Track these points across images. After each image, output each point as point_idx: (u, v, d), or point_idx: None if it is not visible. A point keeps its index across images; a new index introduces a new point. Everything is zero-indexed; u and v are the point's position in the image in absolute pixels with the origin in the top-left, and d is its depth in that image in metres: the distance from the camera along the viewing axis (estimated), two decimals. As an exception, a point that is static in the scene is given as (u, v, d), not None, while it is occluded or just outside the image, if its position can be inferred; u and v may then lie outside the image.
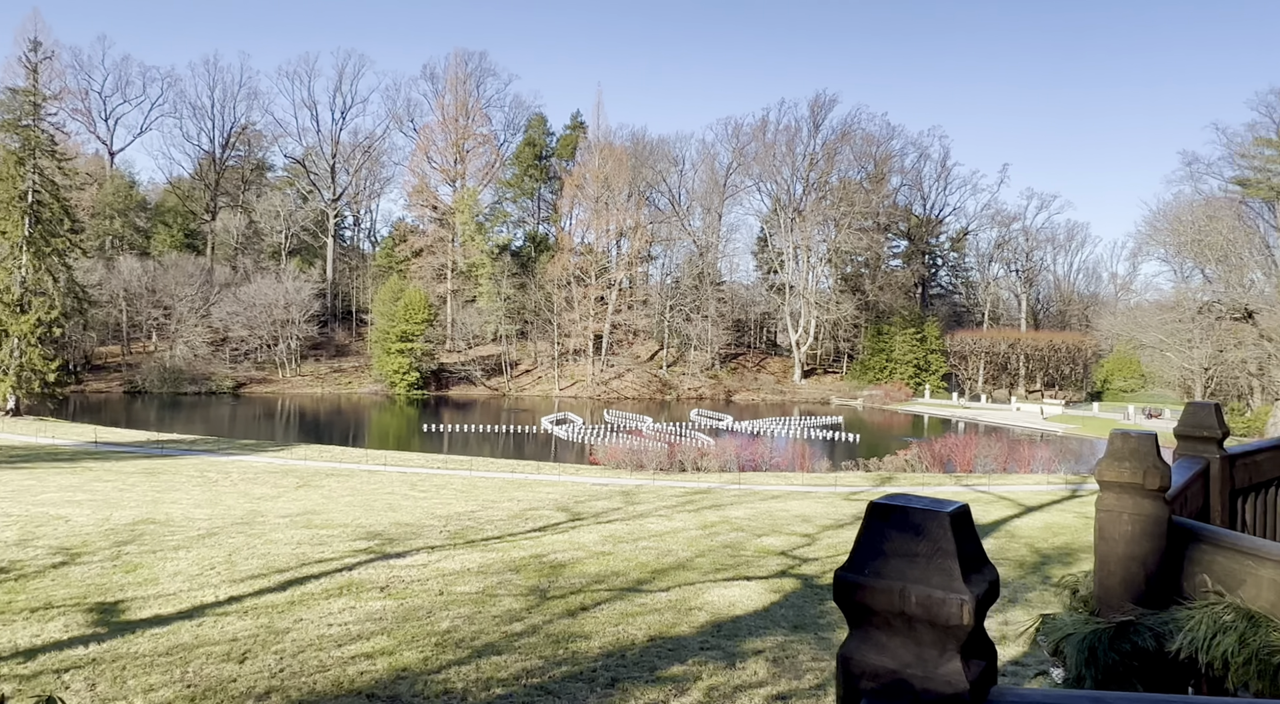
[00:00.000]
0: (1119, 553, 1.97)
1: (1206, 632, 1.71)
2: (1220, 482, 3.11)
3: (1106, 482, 2.00)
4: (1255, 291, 47.15)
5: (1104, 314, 73.17)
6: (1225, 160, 53.41)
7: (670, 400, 70.53)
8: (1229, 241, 48.77)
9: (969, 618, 0.79)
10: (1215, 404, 3.14)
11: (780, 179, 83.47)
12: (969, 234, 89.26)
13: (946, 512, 0.85)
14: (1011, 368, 76.48)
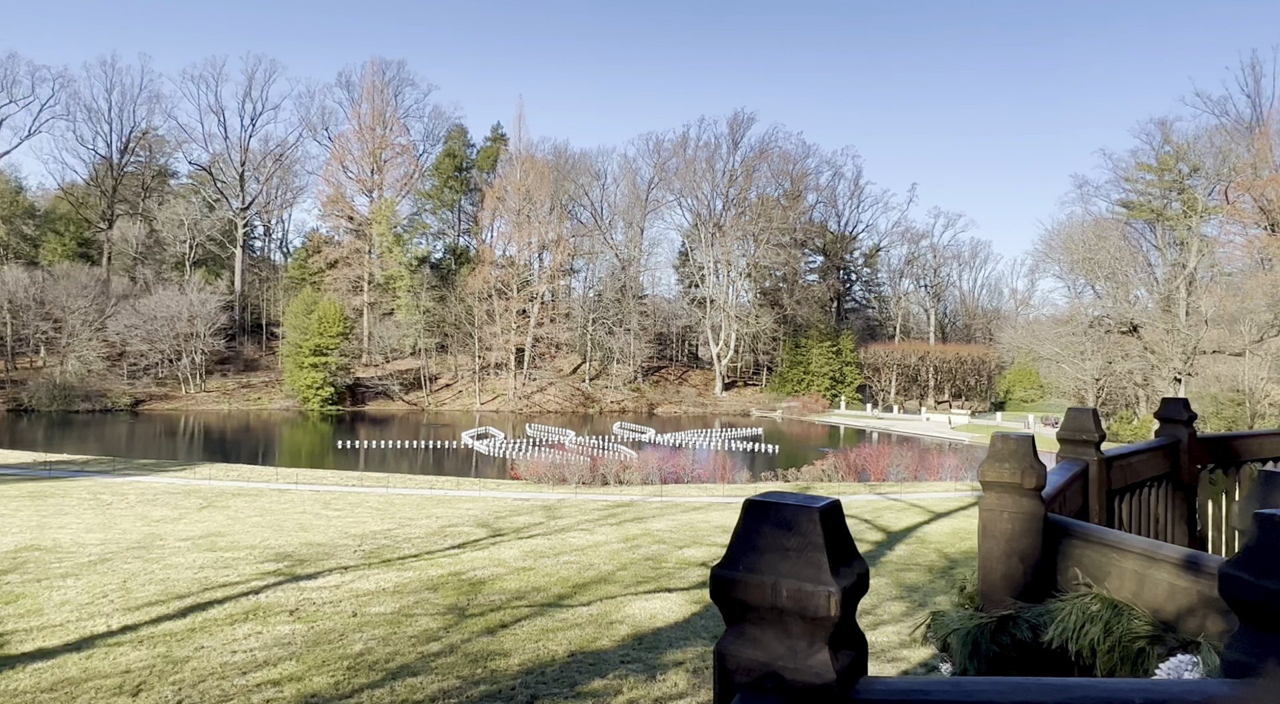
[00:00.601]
0: (1000, 550, 2.08)
1: (1076, 621, 1.82)
2: (1098, 482, 3.30)
3: (988, 482, 2.11)
4: (1139, 307, 50.40)
5: (1005, 328, 76.77)
6: (1112, 184, 57.14)
7: (593, 413, 70.41)
8: (1116, 260, 52.03)
9: (836, 609, 0.84)
10: (1093, 410, 3.35)
11: (701, 194, 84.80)
12: (881, 250, 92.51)
13: (817, 507, 0.89)
14: (922, 379, 79.41)
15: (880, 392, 79.19)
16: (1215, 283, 45.94)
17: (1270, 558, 1.05)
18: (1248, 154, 45.07)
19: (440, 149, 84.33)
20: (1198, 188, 49.40)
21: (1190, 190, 49.85)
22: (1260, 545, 1.07)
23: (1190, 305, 45.34)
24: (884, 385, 79.23)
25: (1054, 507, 2.56)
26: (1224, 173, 47.24)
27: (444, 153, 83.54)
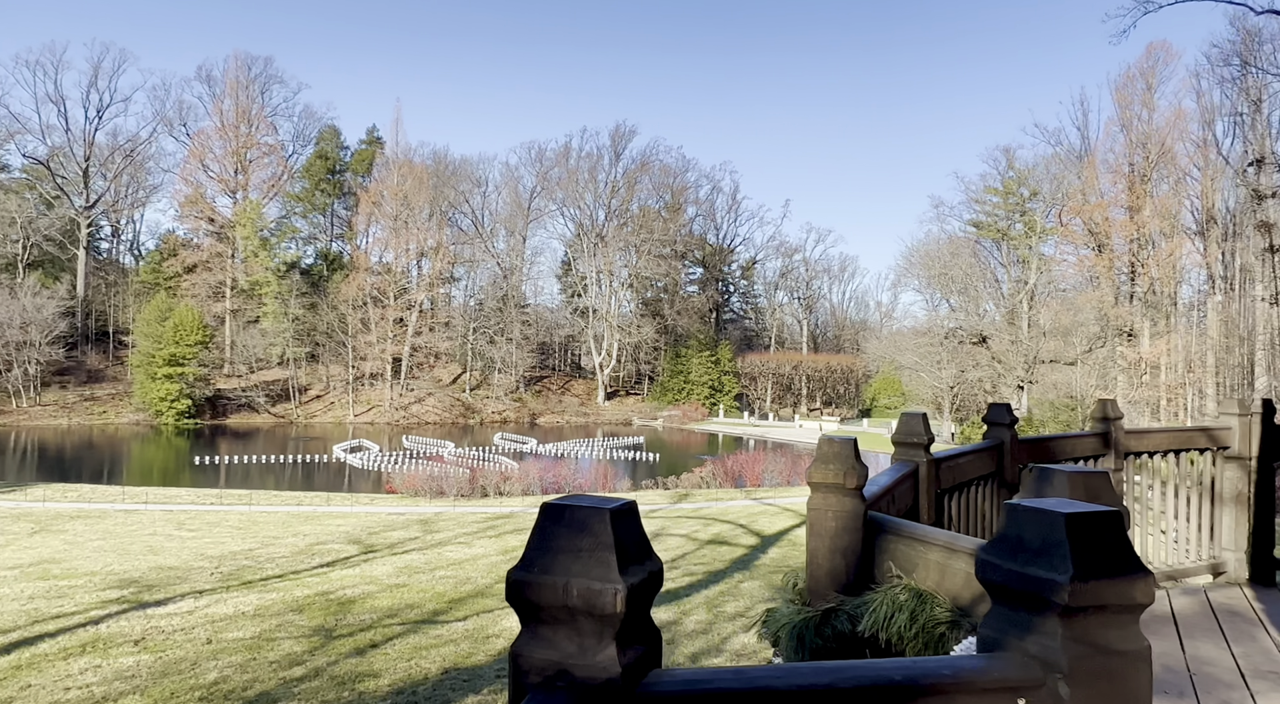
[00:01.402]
0: (825, 547, 2.23)
1: (886, 611, 1.98)
2: (928, 481, 3.57)
3: (815, 483, 2.26)
4: (988, 319, 54.44)
5: (871, 339, 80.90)
6: (964, 205, 61.48)
7: (474, 424, 69.09)
8: (967, 276, 55.99)
9: (622, 606, 0.90)
10: (923, 414, 3.61)
11: (583, 204, 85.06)
12: (757, 263, 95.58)
13: (609, 508, 0.95)
14: (795, 388, 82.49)
15: (757, 400, 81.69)
16: (1052, 298, 50.24)
17: (1014, 543, 1.20)
18: (1078, 181, 49.65)
19: (311, 150, 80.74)
20: (1037, 211, 53.97)
21: (1031, 213, 54.40)
22: (1007, 531, 1.22)
23: (1031, 318, 49.38)
24: (760, 394, 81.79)
25: (883, 505, 2.76)
26: (1059, 198, 51.80)
27: (315, 154, 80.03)
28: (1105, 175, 47.50)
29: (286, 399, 66.89)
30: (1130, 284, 45.69)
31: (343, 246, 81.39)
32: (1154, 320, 43.37)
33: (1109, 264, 46.09)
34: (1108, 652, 1.11)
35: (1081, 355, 43.54)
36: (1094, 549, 1.12)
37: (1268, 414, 6.15)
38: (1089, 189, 48.12)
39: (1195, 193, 43.20)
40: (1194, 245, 43.14)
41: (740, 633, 11.43)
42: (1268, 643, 4.87)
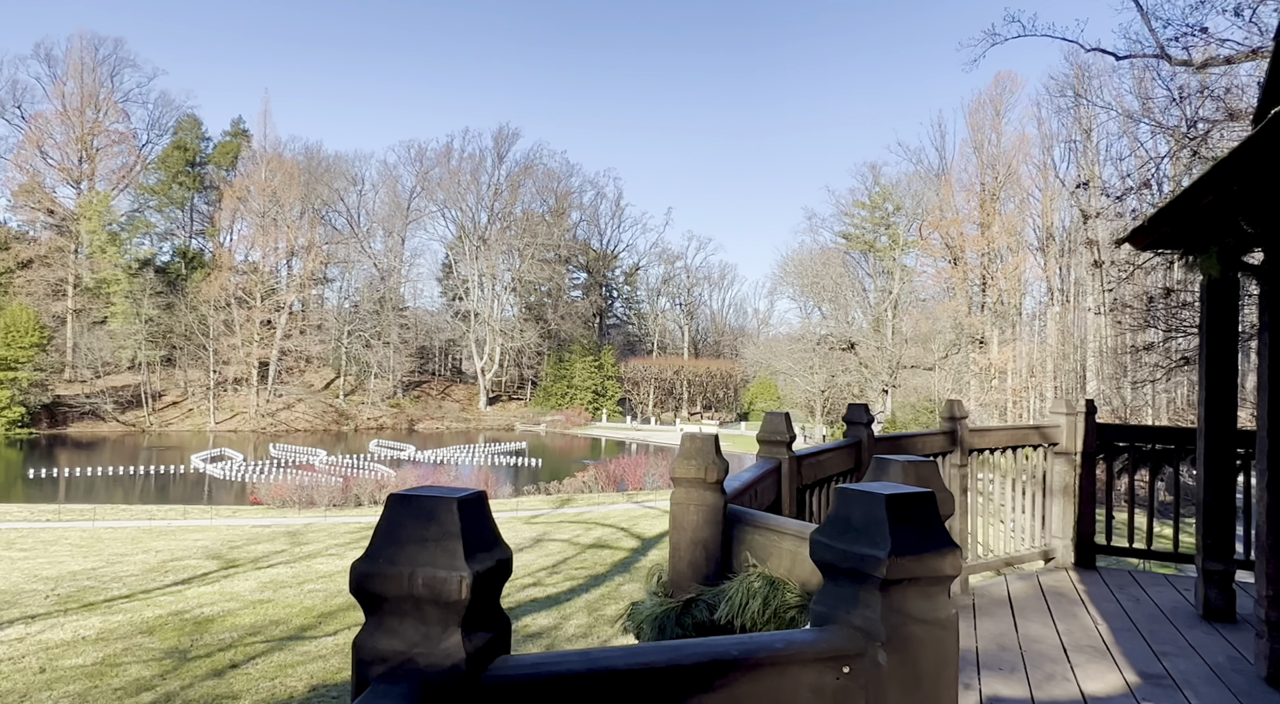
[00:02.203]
0: (687, 539, 2.32)
1: (741, 599, 2.09)
2: (790, 478, 3.74)
3: (678, 478, 2.34)
4: (856, 326, 57.36)
5: (749, 345, 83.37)
6: (835, 217, 64.54)
7: (348, 431, 66.39)
8: (838, 285, 58.81)
9: (467, 593, 0.92)
10: (786, 413, 3.78)
11: (465, 206, 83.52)
12: (640, 269, 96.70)
13: (455, 497, 0.97)
14: (676, 392, 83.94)
15: (639, 404, 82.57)
16: (913, 307, 53.51)
17: (843, 523, 1.30)
18: (936, 198, 53.19)
19: (169, 140, 75.42)
20: (900, 224, 57.44)
21: (894, 226, 57.81)
22: (837, 513, 1.32)
23: (895, 326, 52.41)
24: (643, 398, 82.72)
25: (745, 499, 2.89)
26: (919, 213, 55.32)
27: (173, 145, 74.81)
28: (960, 193, 51.10)
29: (138, 406, 62.12)
30: (982, 295, 49.27)
31: (204, 244, 76.45)
32: (1002, 329, 46.95)
33: (963, 276, 49.54)
34: (920, 620, 1.23)
35: (939, 361, 46.57)
36: (910, 526, 1.24)
37: (1090, 413, 6.80)
38: (946, 205, 51.61)
39: (1037, 211, 47.14)
40: (1036, 260, 47.06)
41: (620, 636, 11.54)
42: (1086, 620, 5.39)
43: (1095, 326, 36.28)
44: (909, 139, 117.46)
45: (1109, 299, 28.27)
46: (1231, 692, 4.16)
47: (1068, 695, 4.11)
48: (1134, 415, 32.63)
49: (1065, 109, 41.31)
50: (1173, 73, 18.04)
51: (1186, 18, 14.63)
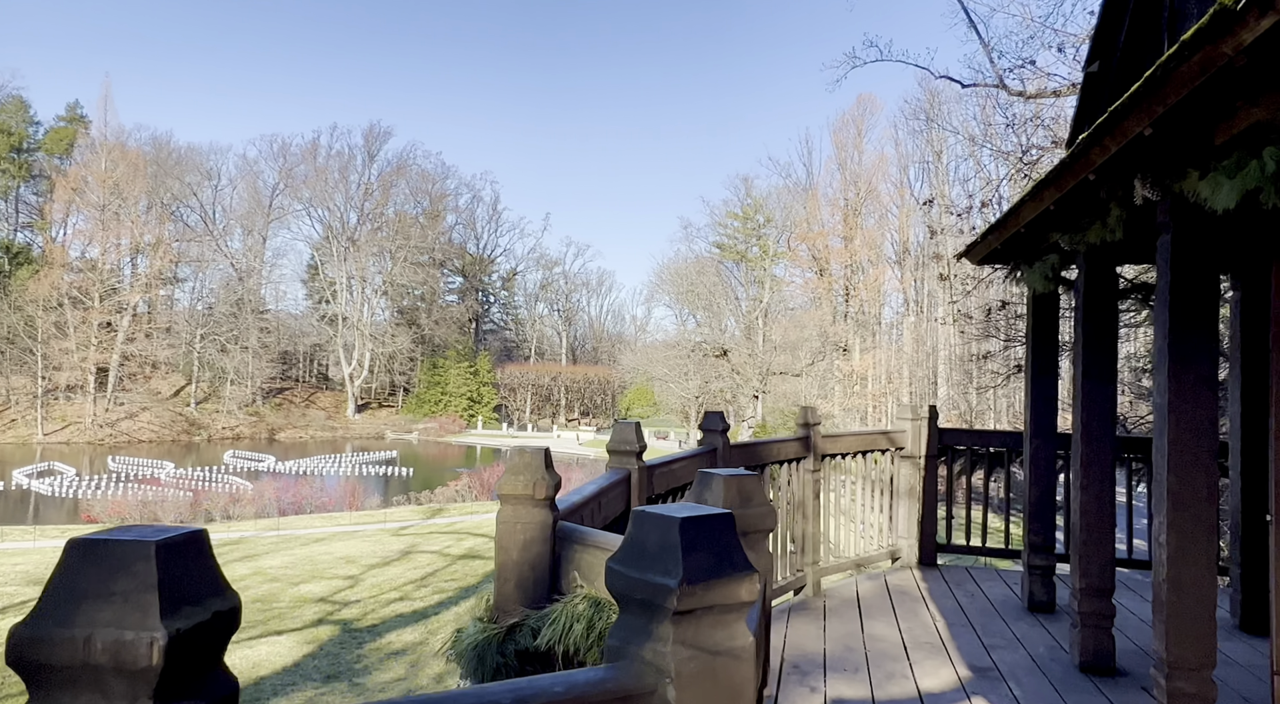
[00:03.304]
0: (513, 560, 2.21)
1: (565, 622, 1.99)
2: (639, 488, 3.69)
3: (505, 495, 2.23)
4: (729, 334, 58.94)
5: (626, 351, 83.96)
6: (709, 227, 66.11)
7: (200, 442, 61.97)
8: (712, 293, 60.25)
9: (158, 658, 0.76)
10: (636, 422, 3.74)
11: (333, 206, 79.90)
12: (518, 275, 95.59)
13: (155, 540, 0.82)
14: (554, 399, 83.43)
15: (516, 411, 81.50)
16: (783, 316, 55.59)
17: (638, 549, 1.22)
18: (804, 211, 55.53)
19: (-10, 122, 68.11)
20: (770, 236, 59.54)
21: (765, 237, 59.87)
22: (633, 538, 1.25)
23: (765, 334, 54.26)
24: (520, 405, 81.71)
25: (585, 514, 2.80)
26: (788, 225, 57.62)
27: (-4, 127, 67.63)
28: (826, 207, 53.54)
29: (-51, 417, 55.62)
30: (845, 305, 51.75)
31: (32, 238, 69.45)
32: (863, 337, 49.48)
33: (829, 287, 51.88)
34: (713, 652, 1.17)
35: (806, 367, 48.53)
36: (705, 552, 1.18)
37: (933, 419, 7.17)
38: (813, 219, 53.96)
39: (894, 227, 50.08)
40: (894, 273, 49.94)
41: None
42: (926, 617, 5.65)
43: (945, 336, 38.83)
44: (779, 154, 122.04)
45: (955, 310, 30.34)
46: (1050, 681, 4.45)
47: (905, 693, 4.26)
48: (979, 418, 35.07)
49: (919, 131, 44.10)
50: (1010, 102, 19.52)
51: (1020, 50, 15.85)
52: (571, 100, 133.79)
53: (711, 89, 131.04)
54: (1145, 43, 4.53)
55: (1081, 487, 4.72)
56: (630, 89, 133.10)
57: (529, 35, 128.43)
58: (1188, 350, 3.38)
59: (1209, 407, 3.37)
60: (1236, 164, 2.71)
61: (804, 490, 6.16)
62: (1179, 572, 3.38)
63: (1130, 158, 3.26)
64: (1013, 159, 19.62)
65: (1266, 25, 2.04)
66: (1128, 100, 2.77)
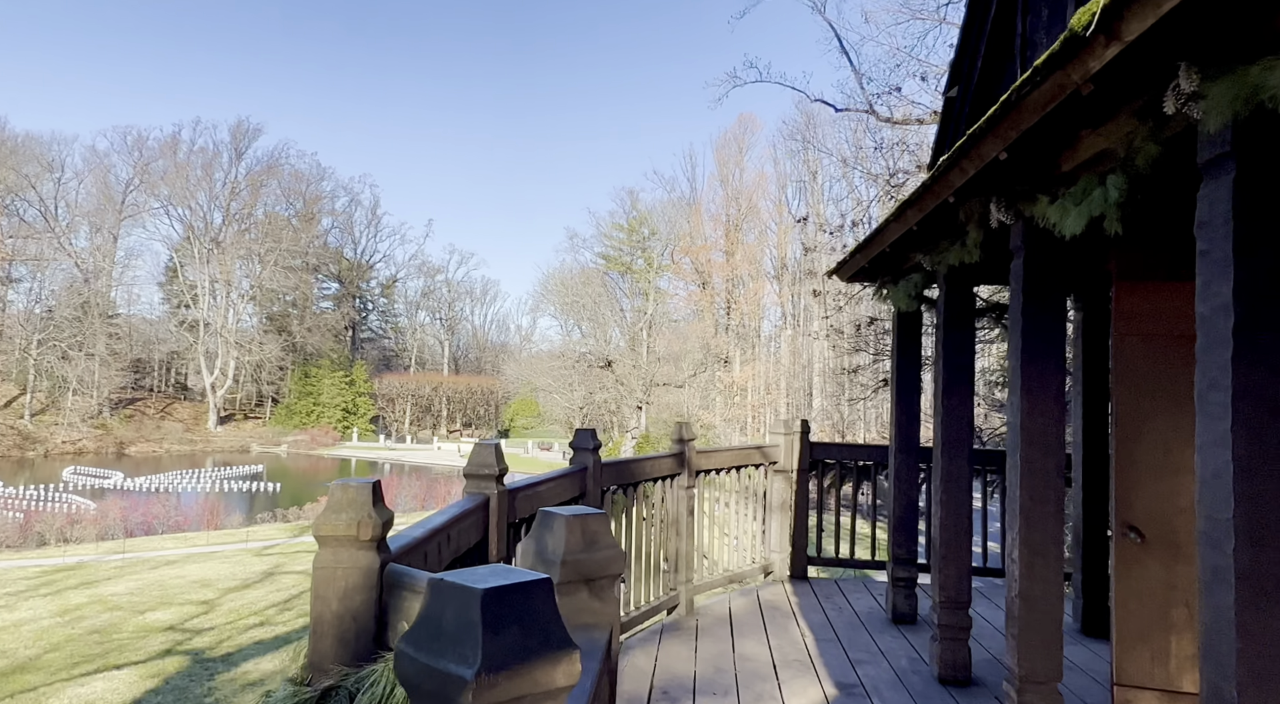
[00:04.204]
0: (332, 611, 1.94)
1: (386, 685, 1.76)
2: (499, 514, 3.46)
3: (323, 536, 1.96)
4: (614, 345, 59.12)
5: (511, 361, 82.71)
6: (595, 238, 66.17)
7: (35, 458, 56.42)
8: (597, 304, 60.32)
9: None
10: (496, 444, 3.51)
11: (195, 205, 74.88)
12: (398, 282, 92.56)
13: None
14: (435, 410, 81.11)
15: (394, 422, 78.73)
16: (666, 327, 56.30)
17: (434, 627, 1.02)
18: (687, 225, 56.53)
19: None
20: (655, 248, 60.26)
21: (650, 250, 60.54)
22: (429, 612, 1.04)
23: (649, 345, 54.75)
24: (398, 416, 78.99)
25: (427, 551, 2.55)
26: (672, 238, 58.50)
27: None
28: (708, 222, 54.68)
29: None
30: (726, 318, 52.94)
31: None
32: (744, 350, 50.73)
33: (711, 300, 52.94)
34: (522, 747, 0.98)
35: (689, 379, 49.24)
36: (514, 630, 0.99)
37: (805, 433, 7.28)
38: (696, 233, 54.99)
39: (773, 243, 51.70)
40: (772, 287, 51.49)
41: None
42: (796, 633, 5.67)
43: (819, 350, 40.33)
44: (664, 168, 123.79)
45: (829, 325, 31.54)
46: (910, 694, 4.51)
47: (773, 715, 4.21)
48: (850, 428, 36.54)
49: (796, 152, 45.80)
50: (879, 126, 20.47)
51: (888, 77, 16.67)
52: (458, 107, 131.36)
53: (598, 101, 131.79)
54: (999, 69, 4.73)
55: (941, 501, 4.83)
56: (518, 99, 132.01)
57: (411, 39, 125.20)
58: (1039, 371, 3.48)
59: (1058, 425, 3.48)
60: (1083, 191, 2.78)
61: (678, 507, 6.07)
62: (1030, 587, 3.46)
63: (987, 181, 3.33)
64: (881, 181, 20.59)
65: (1112, 54, 2.07)
66: (984, 123, 2.80)
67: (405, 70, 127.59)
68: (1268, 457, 2.04)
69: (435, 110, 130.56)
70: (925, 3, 23.82)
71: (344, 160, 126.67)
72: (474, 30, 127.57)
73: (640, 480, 5.64)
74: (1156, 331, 3.49)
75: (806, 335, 43.80)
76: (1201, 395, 2.19)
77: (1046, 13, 3.99)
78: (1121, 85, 2.38)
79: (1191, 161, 2.38)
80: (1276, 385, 2.04)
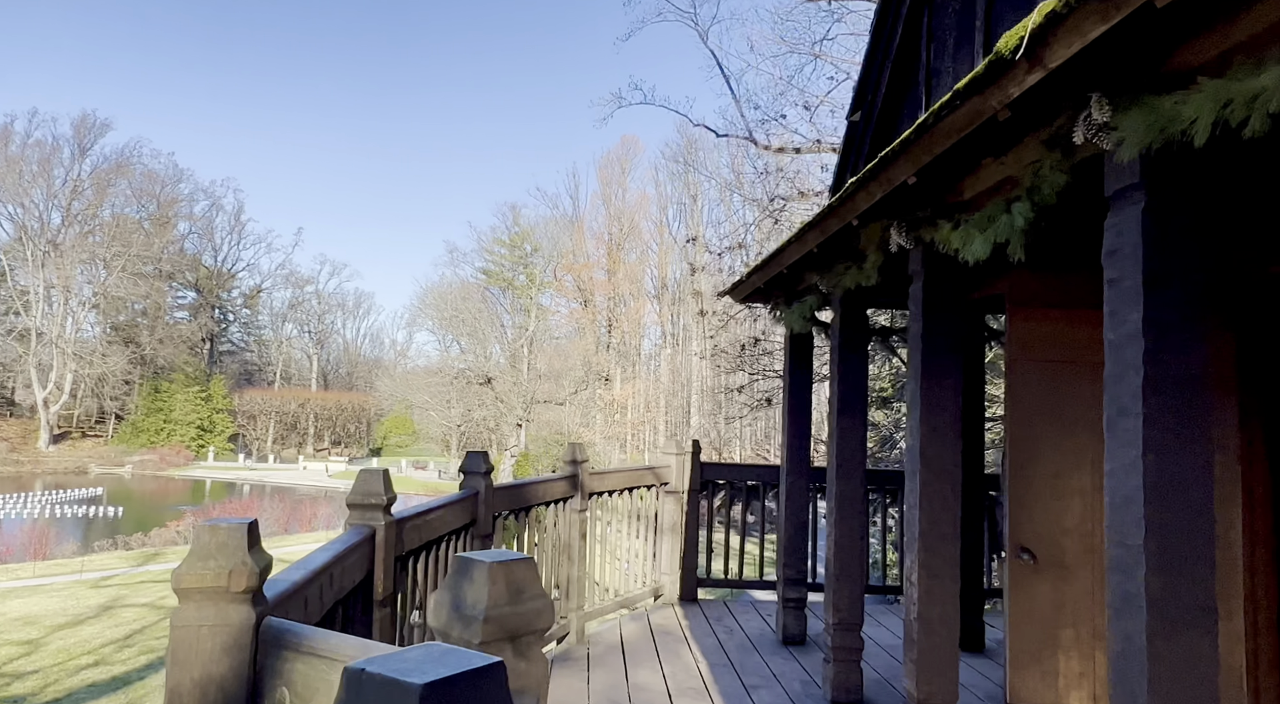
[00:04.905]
0: (194, 680, 1.65)
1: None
2: (386, 547, 3.17)
3: (185, 589, 1.67)
4: (494, 362, 58.02)
5: (385, 377, 79.69)
6: (476, 252, 64.94)
7: None
8: (477, 319, 59.14)
9: None
10: (384, 470, 3.23)
11: (29, 203, 68.14)
12: (263, 292, 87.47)
13: None
14: (301, 427, 76.92)
15: (256, 440, 74.07)
16: (548, 344, 55.83)
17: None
18: (570, 242, 56.48)
19: None
20: (537, 265, 59.75)
21: (532, 266, 59.96)
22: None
23: (530, 362, 54.09)
24: (260, 434, 74.39)
25: (309, 595, 2.26)
26: (555, 255, 58.24)
27: None
28: (591, 240, 54.83)
29: None
30: (608, 336, 53.09)
31: None
32: (624, 368, 50.98)
33: (592, 317, 52.97)
34: None
35: (570, 396, 48.92)
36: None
37: (696, 453, 7.24)
38: (578, 250, 55.01)
39: (654, 263, 52.43)
40: (653, 307, 52.12)
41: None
42: (689, 658, 5.56)
43: (699, 369, 41.04)
44: (547, 185, 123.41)
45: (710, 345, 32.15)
46: (807, 719, 4.49)
47: (673, 749, 4.06)
48: (726, 445, 37.27)
49: (678, 174, 46.70)
50: (759, 153, 21.09)
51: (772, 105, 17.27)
52: (333, 114, 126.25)
53: (482, 114, 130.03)
54: (902, 96, 4.86)
55: (835, 523, 4.86)
56: (399, 106, 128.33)
57: (285, 41, 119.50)
58: (938, 395, 3.53)
59: (955, 448, 3.54)
60: (989, 217, 2.83)
61: (570, 532, 5.87)
62: (928, 611, 3.48)
63: (892, 205, 3.36)
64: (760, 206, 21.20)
65: (1034, 80, 2.09)
66: (898, 147, 2.80)
67: (276, 73, 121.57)
68: (1177, 483, 2.08)
69: (309, 115, 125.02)
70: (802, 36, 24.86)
71: (205, 162, 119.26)
72: (353, 34, 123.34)
73: (533, 504, 5.40)
74: (1048, 357, 3.62)
75: (687, 354, 44.51)
76: (1111, 422, 2.22)
77: (952, 43, 4.13)
78: (1034, 113, 2.42)
79: (1093, 191, 2.45)
80: (1185, 412, 2.09)
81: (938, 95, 4.36)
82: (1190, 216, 2.15)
